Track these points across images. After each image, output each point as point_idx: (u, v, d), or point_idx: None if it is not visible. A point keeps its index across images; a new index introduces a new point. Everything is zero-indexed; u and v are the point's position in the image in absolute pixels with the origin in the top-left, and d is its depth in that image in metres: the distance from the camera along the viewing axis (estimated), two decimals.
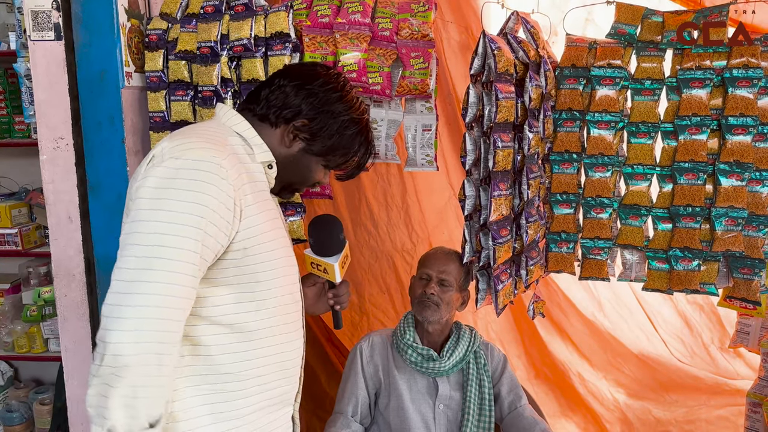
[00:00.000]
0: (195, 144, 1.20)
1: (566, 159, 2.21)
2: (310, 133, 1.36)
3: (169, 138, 1.24)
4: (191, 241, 1.12)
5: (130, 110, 1.98)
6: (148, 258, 1.10)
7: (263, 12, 1.96)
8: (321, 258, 1.56)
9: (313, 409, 2.78)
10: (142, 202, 1.14)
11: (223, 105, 1.40)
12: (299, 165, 1.40)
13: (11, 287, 2.93)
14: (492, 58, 1.89)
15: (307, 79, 1.38)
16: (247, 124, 1.35)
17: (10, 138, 2.89)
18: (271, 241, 1.29)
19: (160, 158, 1.17)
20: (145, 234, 1.12)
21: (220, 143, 1.24)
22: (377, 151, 2.09)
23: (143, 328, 1.08)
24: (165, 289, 1.10)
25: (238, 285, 1.25)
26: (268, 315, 1.30)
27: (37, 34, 1.89)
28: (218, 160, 1.18)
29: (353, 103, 1.41)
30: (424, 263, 2.06)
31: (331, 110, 1.37)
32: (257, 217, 1.25)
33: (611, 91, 2.12)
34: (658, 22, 2.10)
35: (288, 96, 1.36)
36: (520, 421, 2.00)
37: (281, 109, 1.35)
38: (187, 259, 1.12)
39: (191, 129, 1.31)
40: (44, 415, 2.79)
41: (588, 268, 2.24)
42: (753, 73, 1.97)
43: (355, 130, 1.41)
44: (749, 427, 2.44)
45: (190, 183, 1.14)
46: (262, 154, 1.34)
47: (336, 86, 1.39)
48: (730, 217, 2.02)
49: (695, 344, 3.41)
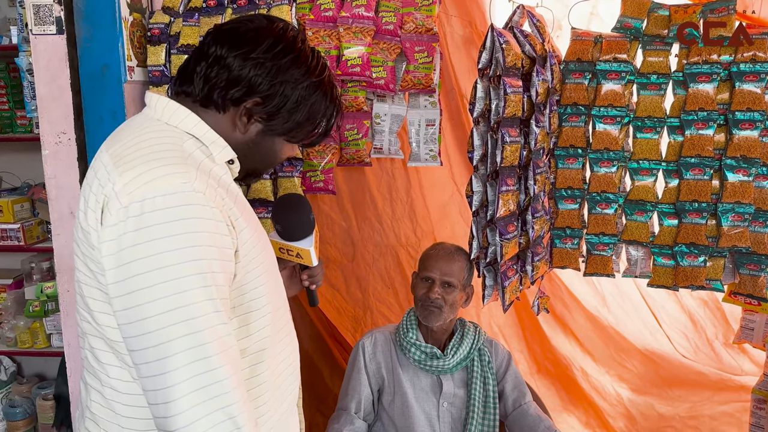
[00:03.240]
0: (153, 174, 0.97)
1: (571, 154, 2.19)
2: (266, 112, 1.13)
3: (115, 165, 1.00)
4: (202, 290, 0.96)
5: (133, 105, 1.96)
6: (164, 330, 0.94)
7: (266, 5, 1.95)
8: (292, 243, 1.39)
9: (317, 406, 2.78)
10: (125, 269, 0.95)
11: (158, 96, 1.13)
12: (261, 149, 1.18)
13: (14, 282, 2.93)
14: (500, 52, 1.88)
15: (251, 44, 1.11)
16: (195, 119, 1.10)
17: (12, 133, 2.88)
18: (259, 249, 1.14)
19: (117, 204, 0.96)
20: (149, 304, 0.94)
21: (179, 160, 1.02)
22: (380, 146, 2.08)
23: (196, 402, 0.94)
24: (198, 353, 0.95)
25: (241, 306, 1.10)
26: (270, 328, 1.18)
27: (38, 28, 1.87)
28: (190, 185, 0.97)
29: (310, 63, 1.15)
30: (427, 264, 2.00)
31: (287, 79, 1.12)
32: (247, 230, 1.09)
33: (617, 86, 2.11)
34: (664, 15, 2.08)
35: (231, 70, 1.10)
36: (524, 419, 2.00)
37: (226, 89, 1.10)
38: (205, 310, 0.96)
39: (136, 145, 1.03)
40: (47, 410, 2.79)
41: (593, 264, 2.23)
42: (760, 68, 1.95)
43: (318, 96, 1.17)
44: (754, 424, 2.43)
45: (171, 226, 0.94)
46: (221, 153, 1.12)
47: (287, 46, 1.12)
48: (736, 213, 2.01)
49: (699, 340, 3.40)
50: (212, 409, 0.95)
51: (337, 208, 2.66)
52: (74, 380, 2.09)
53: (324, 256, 2.68)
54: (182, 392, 0.93)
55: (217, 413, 0.95)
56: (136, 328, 0.95)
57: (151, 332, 0.94)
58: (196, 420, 0.94)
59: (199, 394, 0.94)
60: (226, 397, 0.96)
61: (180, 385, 0.94)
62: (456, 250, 2.04)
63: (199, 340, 0.95)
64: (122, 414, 1.09)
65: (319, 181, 2.07)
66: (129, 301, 0.95)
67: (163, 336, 0.94)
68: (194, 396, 0.94)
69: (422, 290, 1.99)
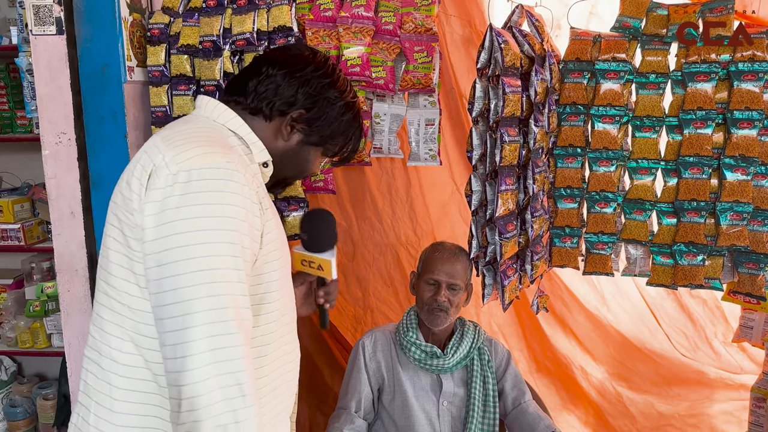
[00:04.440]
0: (200, 150, 1.09)
1: (570, 153, 2.20)
2: (307, 123, 1.30)
3: (167, 145, 1.11)
4: (231, 259, 1.04)
5: (132, 105, 1.97)
6: (192, 287, 1.01)
7: (266, 5, 1.95)
8: (316, 255, 1.47)
9: (317, 404, 2.78)
10: (166, 228, 1.03)
11: (208, 98, 1.29)
12: (298, 157, 1.34)
13: (14, 282, 2.93)
14: (499, 52, 1.88)
15: (298, 65, 1.29)
16: (240, 120, 1.25)
17: (12, 133, 2.88)
18: (280, 246, 1.22)
19: (167, 172, 1.06)
20: (182, 262, 1.01)
21: (222, 144, 1.15)
22: (380, 146, 2.08)
23: (211, 361, 1.00)
24: (220, 315, 1.01)
25: (255, 296, 1.16)
26: (278, 324, 1.23)
27: (38, 28, 1.88)
28: (233, 165, 1.08)
29: (345, 87, 1.36)
30: (431, 267, 1.98)
31: (327, 97, 1.31)
32: (272, 222, 1.19)
33: (616, 85, 2.11)
34: (663, 15, 2.09)
35: (280, 86, 1.27)
36: (524, 417, 2.00)
37: (275, 101, 1.27)
38: (232, 278, 1.04)
39: (186, 132, 1.17)
40: (48, 410, 2.80)
41: (592, 263, 2.24)
42: (759, 67, 1.95)
43: (350, 115, 1.36)
44: (753, 422, 2.44)
45: (213, 196, 1.04)
46: (259, 153, 1.26)
47: (326, 71, 1.32)
48: (735, 212, 2.01)
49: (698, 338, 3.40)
50: (223, 371, 1.00)
51: (337, 208, 2.67)
52: (74, 380, 2.09)
53: None
54: (199, 349, 1.00)
55: (227, 377, 1.01)
56: (168, 284, 1.02)
57: (180, 288, 1.01)
58: (207, 378, 0.99)
59: (214, 354, 1.00)
60: (238, 363, 1.02)
61: (198, 342, 1.00)
62: (458, 251, 2.04)
63: (222, 304, 1.02)
64: (117, 385, 1.14)
65: (319, 180, 2.08)
66: (165, 258, 1.03)
67: (191, 293, 1.01)
68: (209, 355, 1.00)
69: (428, 293, 1.97)
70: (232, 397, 1.01)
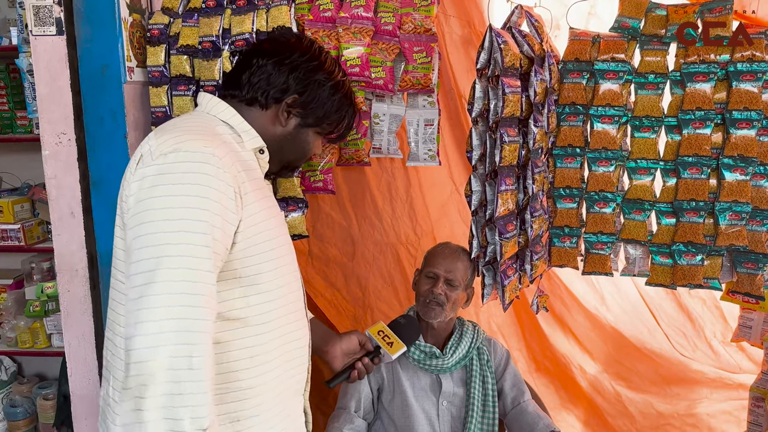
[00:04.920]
0: (184, 137, 1.17)
1: (569, 153, 2.20)
2: (302, 107, 1.37)
3: (155, 135, 1.20)
4: (200, 235, 1.09)
5: (132, 105, 1.97)
6: (157, 259, 1.06)
7: (265, 6, 1.95)
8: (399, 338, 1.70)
9: (317, 404, 2.78)
10: (141, 204, 1.11)
11: (206, 94, 1.37)
12: (297, 140, 1.41)
13: (14, 283, 2.93)
14: (498, 52, 1.89)
15: (285, 52, 1.36)
16: (232, 111, 1.33)
17: (12, 133, 2.88)
18: (271, 230, 1.27)
19: (150, 156, 1.14)
20: (150, 235, 1.08)
21: (208, 134, 1.23)
22: (379, 146, 2.09)
23: (164, 329, 1.03)
24: (181, 287, 1.05)
25: (245, 278, 1.22)
26: (275, 306, 1.28)
27: (38, 29, 1.88)
28: (211, 150, 1.14)
29: (332, 68, 1.42)
30: (432, 261, 2.03)
31: (316, 79, 1.37)
32: (256, 205, 1.24)
33: (615, 85, 2.11)
34: (662, 15, 2.09)
35: (271, 74, 1.34)
36: (523, 417, 2.00)
37: (268, 90, 1.34)
38: (199, 254, 1.08)
39: (175, 123, 1.27)
40: (48, 410, 2.80)
41: (591, 263, 2.24)
42: (758, 67, 1.96)
43: (341, 94, 1.43)
44: (752, 422, 2.44)
45: (187, 176, 1.11)
46: (251, 141, 1.33)
47: (313, 54, 1.38)
48: (734, 212, 2.02)
49: (697, 338, 3.40)
50: (176, 341, 1.03)
51: (337, 207, 2.67)
52: (74, 380, 2.09)
53: (324, 254, 2.69)
54: (155, 317, 1.03)
55: (181, 347, 1.04)
56: (136, 255, 1.08)
57: (146, 259, 1.06)
58: (158, 345, 1.02)
59: (169, 323, 1.04)
60: (193, 336, 1.05)
61: (156, 310, 1.04)
62: (461, 251, 2.06)
63: (187, 277, 1.06)
64: None
65: (319, 180, 2.08)
66: (138, 231, 1.09)
67: (156, 264, 1.06)
68: (165, 324, 1.03)
69: (426, 286, 2.00)
70: (179, 368, 1.03)
